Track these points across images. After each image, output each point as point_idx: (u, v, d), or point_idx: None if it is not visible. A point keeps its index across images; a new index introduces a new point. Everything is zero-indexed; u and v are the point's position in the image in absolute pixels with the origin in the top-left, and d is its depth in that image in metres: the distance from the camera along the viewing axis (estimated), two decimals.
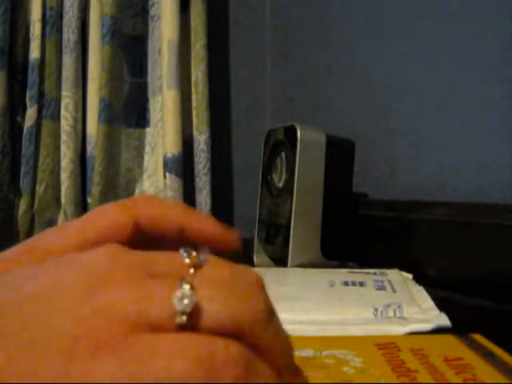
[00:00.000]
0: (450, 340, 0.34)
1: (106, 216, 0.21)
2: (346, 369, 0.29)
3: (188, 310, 0.17)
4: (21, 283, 0.18)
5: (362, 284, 0.51)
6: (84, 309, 0.17)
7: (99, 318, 0.16)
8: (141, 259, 0.19)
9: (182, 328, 0.17)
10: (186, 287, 0.18)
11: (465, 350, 0.32)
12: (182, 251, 0.20)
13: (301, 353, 0.31)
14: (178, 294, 0.17)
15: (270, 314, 0.19)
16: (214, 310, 0.18)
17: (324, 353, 0.31)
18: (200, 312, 0.17)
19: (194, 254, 0.19)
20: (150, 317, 0.17)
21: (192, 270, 0.19)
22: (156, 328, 0.17)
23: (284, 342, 0.20)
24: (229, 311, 0.18)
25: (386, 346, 0.33)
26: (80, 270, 0.18)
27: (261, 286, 0.20)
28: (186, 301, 0.17)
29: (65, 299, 0.17)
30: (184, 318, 0.17)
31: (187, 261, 0.19)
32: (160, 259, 0.19)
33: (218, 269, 0.20)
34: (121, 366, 0.16)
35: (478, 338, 0.34)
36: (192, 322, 0.17)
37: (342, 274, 0.58)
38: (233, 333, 0.18)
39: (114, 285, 0.17)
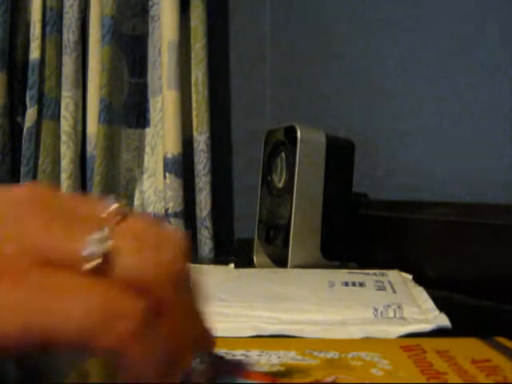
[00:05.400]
0: (474, 342, 0.34)
1: None
2: (374, 371, 0.28)
3: (100, 253, 0.17)
4: None
5: (362, 284, 0.51)
6: None
7: (8, 245, 0.16)
8: (63, 200, 0.19)
9: (91, 271, 0.17)
10: (105, 232, 0.17)
11: (491, 352, 0.32)
12: (110, 199, 0.19)
13: (326, 354, 0.31)
14: (95, 236, 0.17)
15: (182, 279, 0.19)
16: (128, 262, 0.17)
17: (349, 355, 0.31)
18: (112, 260, 0.17)
19: (122, 203, 0.19)
20: (59, 253, 0.17)
21: (117, 218, 0.18)
22: (64, 266, 0.17)
23: (188, 309, 0.19)
24: (142, 268, 0.17)
25: (411, 348, 0.32)
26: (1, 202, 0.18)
27: (182, 251, 0.19)
28: (100, 244, 0.17)
29: None
30: (94, 261, 0.17)
31: (112, 208, 0.19)
32: (84, 204, 0.19)
33: (142, 223, 0.19)
34: (12, 294, 0.16)
35: (503, 340, 0.34)
36: (102, 268, 0.17)
37: (342, 274, 0.58)
38: (140, 288, 0.17)
39: (28, 219, 0.17)
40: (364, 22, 0.81)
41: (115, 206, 0.19)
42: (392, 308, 0.42)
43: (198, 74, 0.94)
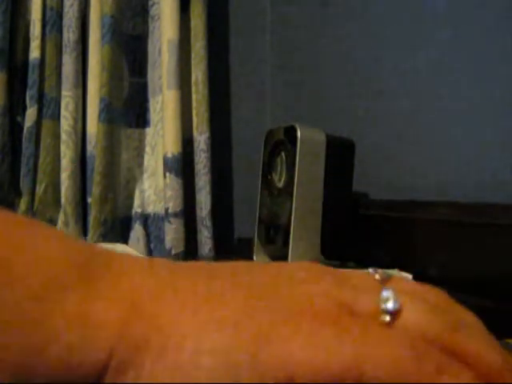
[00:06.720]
0: None
1: None
2: None
3: (392, 309, 0.19)
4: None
5: None
6: (315, 290, 0.20)
7: (324, 299, 0.19)
8: (338, 274, 0.22)
9: (386, 324, 0.19)
10: (389, 292, 0.20)
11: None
12: (370, 270, 0.22)
13: None
14: (383, 295, 0.20)
15: (461, 323, 0.21)
16: (414, 317, 0.19)
17: None
18: (401, 315, 0.19)
19: (381, 271, 0.22)
20: (359, 308, 0.19)
21: (386, 280, 0.21)
22: (362, 317, 0.19)
23: (478, 347, 0.20)
24: (427, 319, 0.19)
25: None
26: (305, 268, 0.22)
27: (447, 298, 0.22)
28: (390, 302, 0.19)
29: (297, 285, 0.20)
30: (388, 317, 0.19)
31: (377, 277, 0.21)
32: (353, 275, 0.22)
33: (405, 283, 0.22)
34: (338, 336, 0.18)
35: (509, 341, 0.34)
36: (394, 323, 0.19)
37: None
38: (428, 339, 0.19)
39: (329, 283, 0.20)
40: (365, 22, 0.81)
41: (377, 273, 0.22)
42: None
43: (198, 73, 0.94)
